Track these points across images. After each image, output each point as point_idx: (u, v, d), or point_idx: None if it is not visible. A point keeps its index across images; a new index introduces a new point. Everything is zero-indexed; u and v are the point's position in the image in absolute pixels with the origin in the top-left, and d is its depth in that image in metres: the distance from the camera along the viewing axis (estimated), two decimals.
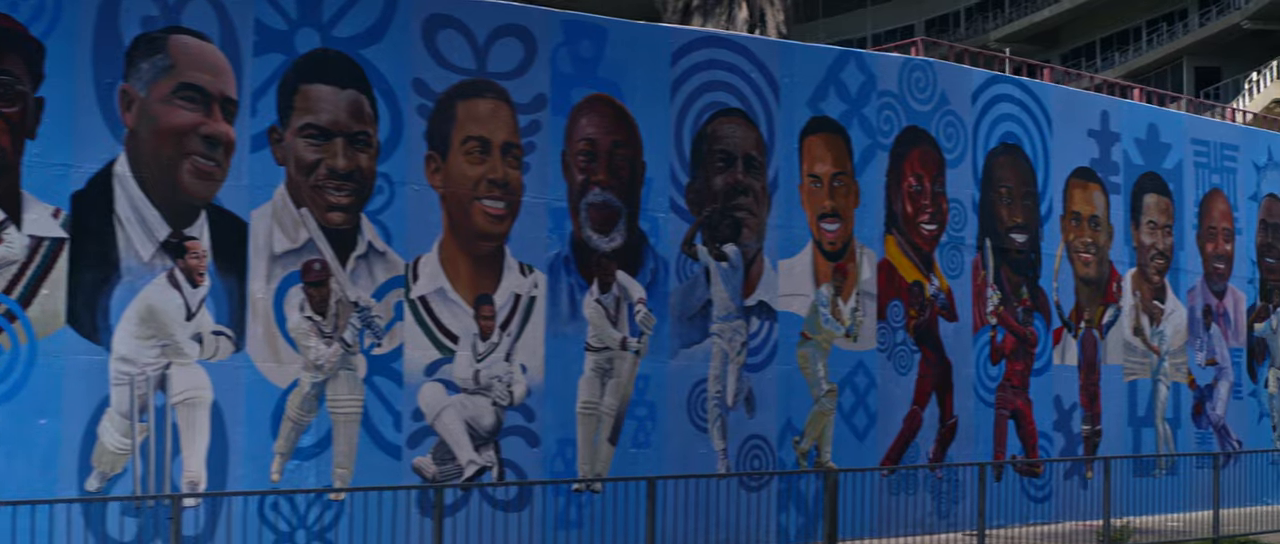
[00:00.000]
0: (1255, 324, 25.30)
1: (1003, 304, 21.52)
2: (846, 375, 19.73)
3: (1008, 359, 21.59)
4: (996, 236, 21.54)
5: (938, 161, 20.88)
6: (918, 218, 20.62)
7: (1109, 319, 22.99)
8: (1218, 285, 24.74)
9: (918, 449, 20.47)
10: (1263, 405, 25.37)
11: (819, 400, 19.41)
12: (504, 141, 16.91)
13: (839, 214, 19.75)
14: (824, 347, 19.50)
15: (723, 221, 18.62)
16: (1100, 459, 20.81)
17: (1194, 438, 24.16)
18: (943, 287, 20.82)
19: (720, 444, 18.48)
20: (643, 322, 17.83)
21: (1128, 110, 23.68)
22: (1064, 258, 22.39)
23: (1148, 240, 23.67)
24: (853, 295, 19.83)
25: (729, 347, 18.59)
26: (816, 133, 19.61)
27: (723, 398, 18.51)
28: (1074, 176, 22.69)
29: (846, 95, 19.91)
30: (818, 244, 19.53)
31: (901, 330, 20.35)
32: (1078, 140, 22.77)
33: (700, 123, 18.52)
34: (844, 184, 19.82)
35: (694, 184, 18.39)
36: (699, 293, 18.40)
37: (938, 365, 20.73)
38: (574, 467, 17.30)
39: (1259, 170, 25.58)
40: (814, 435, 19.35)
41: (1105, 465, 18.70)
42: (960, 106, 21.24)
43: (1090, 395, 22.64)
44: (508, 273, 16.90)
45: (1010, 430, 21.58)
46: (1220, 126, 25.40)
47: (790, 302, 19.23)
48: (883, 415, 20.08)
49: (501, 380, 16.75)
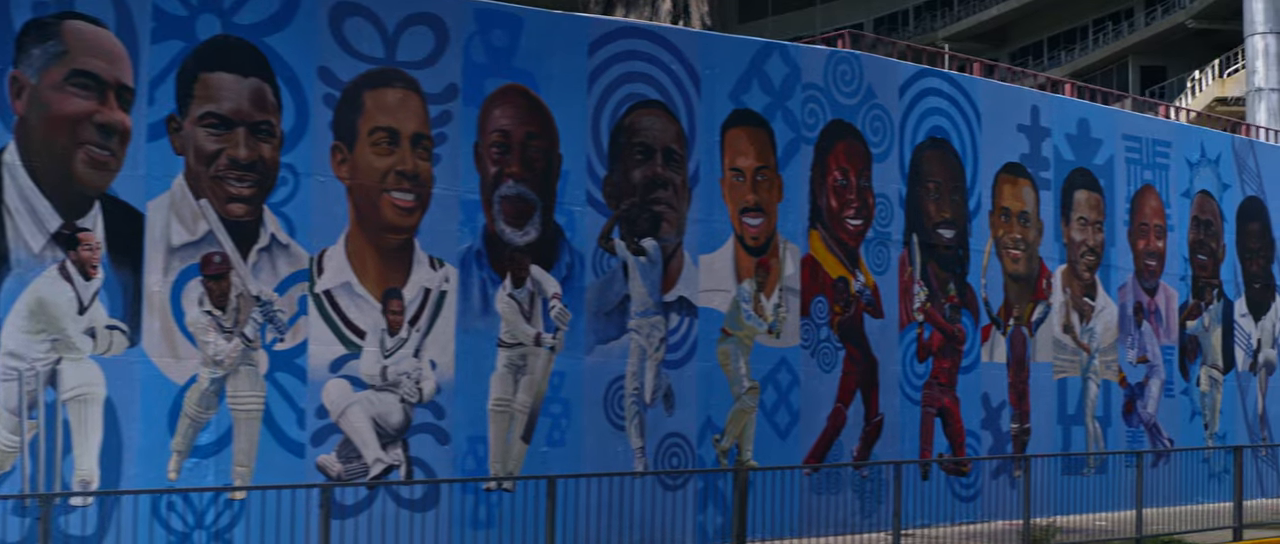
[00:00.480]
0: (1187, 322, 25.10)
1: (930, 301, 21.24)
2: (769, 372, 19.41)
3: (935, 356, 21.31)
4: (924, 232, 21.26)
5: (864, 156, 20.58)
6: (843, 213, 20.31)
7: (1038, 316, 22.74)
8: (1149, 282, 24.53)
9: (842, 448, 20.17)
10: (1195, 404, 25.18)
11: (740, 398, 19.09)
12: (414, 132, 16.52)
13: (762, 208, 19.43)
14: (746, 343, 19.18)
15: (641, 215, 18.28)
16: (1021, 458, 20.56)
17: (1125, 436, 23.95)
18: (868, 283, 20.52)
19: (638, 442, 18.14)
20: (558, 317, 17.47)
21: (1058, 105, 23.45)
22: (993, 254, 22.13)
23: (1078, 237, 23.43)
24: (775, 291, 19.51)
25: (647, 343, 18.25)
26: (739, 126, 19.29)
27: (640, 395, 18.17)
28: (1003, 172, 22.43)
29: (770, 88, 19.58)
30: (740, 239, 19.20)
31: (826, 327, 20.05)
32: (1007, 135, 22.51)
33: (619, 115, 18.17)
34: (767, 178, 19.50)
35: (612, 177, 18.04)
36: (616, 288, 18.05)
37: (863, 363, 20.43)
38: (485, 465, 16.93)
39: (1192, 167, 25.39)
40: (735, 433, 19.03)
41: (1026, 464, 18.42)
42: (887, 100, 20.95)
43: (1019, 393, 22.38)
44: (417, 267, 16.52)
45: (937, 429, 21.29)
46: (1152, 123, 25.19)
47: (711, 297, 18.90)
48: (806, 413, 19.77)
49: (410, 377, 16.37)
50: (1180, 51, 60.26)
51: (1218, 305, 25.68)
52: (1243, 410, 26.03)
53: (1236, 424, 25.88)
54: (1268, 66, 37.06)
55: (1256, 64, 37.35)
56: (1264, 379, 26.43)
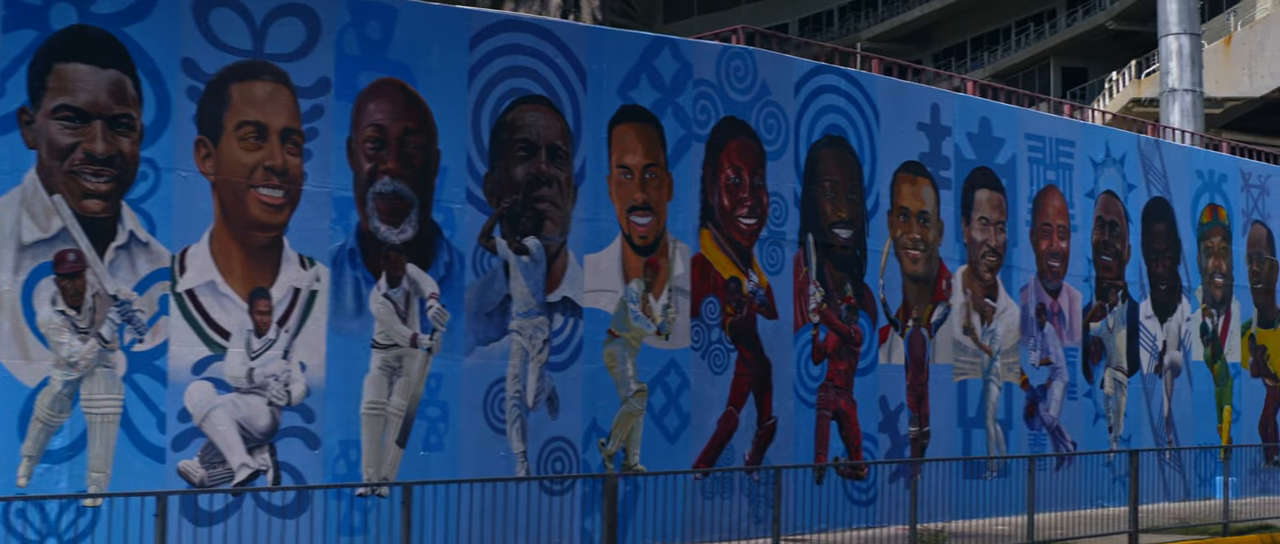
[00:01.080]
0: (1091, 323, 24.84)
1: (826, 301, 20.86)
2: (657, 375, 18.98)
3: (831, 358, 20.93)
4: (820, 232, 20.88)
5: (757, 153, 20.18)
6: (736, 212, 19.90)
7: (938, 317, 22.40)
8: (1052, 283, 24.24)
9: (734, 452, 19.76)
10: (1098, 406, 24.91)
11: (627, 401, 18.65)
12: (283, 127, 15.99)
13: (650, 207, 18.99)
14: (633, 345, 18.74)
15: (524, 213, 17.81)
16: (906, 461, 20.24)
17: (1027, 439, 23.65)
18: (762, 283, 20.12)
19: (519, 446, 17.67)
20: (435, 317, 16.98)
21: (959, 104, 23.12)
22: (891, 254, 21.78)
23: (979, 237, 23.12)
24: (665, 291, 19.08)
25: (530, 344, 17.78)
26: (627, 122, 18.85)
27: (522, 398, 17.70)
28: (902, 171, 22.08)
29: (660, 84, 19.15)
30: (627, 238, 18.76)
31: (717, 328, 19.63)
32: (906, 133, 22.17)
33: (501, 110, 17.69)
34: (656, 176, 19.07)
35: (493, 174, 17.56)
36: (497, 288, 17.57)
37: (756, 365, 20.02)
38: (358, 470, 16.42)
39: (1096, 167, 25.13)
40: (621, 437, 18.58)
41: (911, 469, 18.03)
42: (782, 97, 20.56)
43: (918, 396, 22.04)
44: (286, 265, 15.99)
45: (833, 432, 20.91)
46: (1056, 122, 24.91)
47: (597, 298, 18.46)
48: (696, 416, 19.35)
49: (278, 379, 15.84)
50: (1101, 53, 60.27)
51: (1122, 307, 25.43)
52: (1148, 413, 25.79)
53: (1141, 427, 25.63)
54: (1181, 67, 36.87)
55: (1170, 65, 37.14)
56: (1169, 382, 26.21)
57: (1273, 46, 44.30)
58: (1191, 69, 36.93)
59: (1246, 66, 44.49)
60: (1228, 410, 27.32)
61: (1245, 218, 28.08)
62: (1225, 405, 27.32)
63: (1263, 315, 28.28)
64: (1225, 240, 27.57)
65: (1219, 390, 27.24)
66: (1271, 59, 44.31)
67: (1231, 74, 44.56)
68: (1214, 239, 27.34)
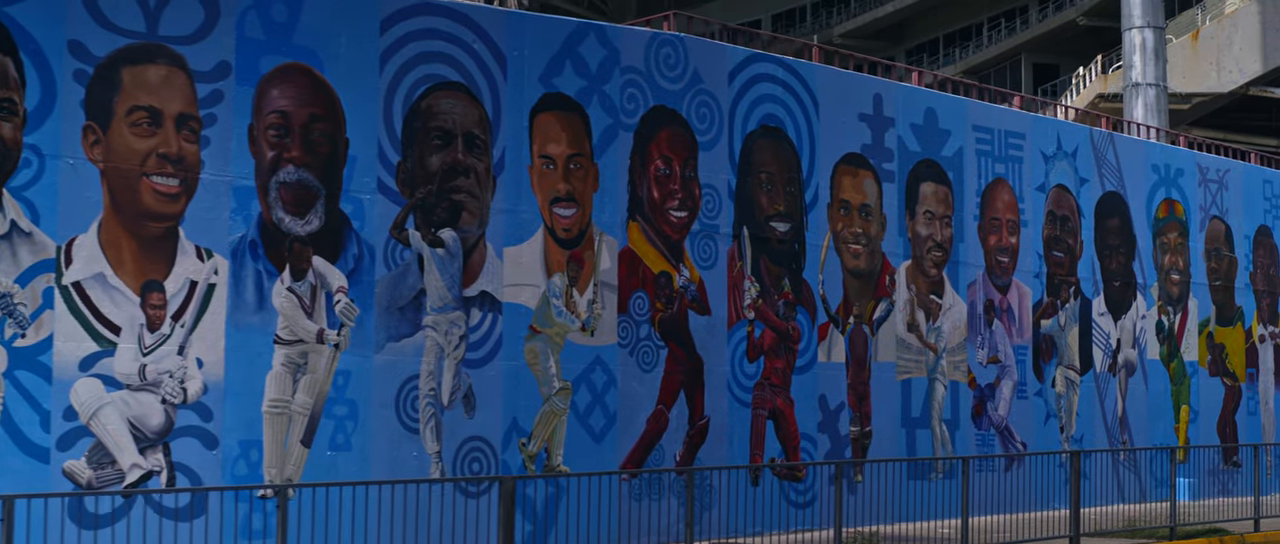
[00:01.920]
0: (1042, 320, 24.20)
1: (761, 297, 20.20)
2: (582, 372, 18.31)
3: (767, 356, 20.27)
4: (755, 225, 20.21)
5: (689, 144, 19.51)
6: (666, 204, 19.23)
7: (881, 314, 21.75)
8: (1001, 280, 23.60)
9: (664, 452, 19.08)
10: (1049, 406, 24.28)
11: (549, 399, 17.97)
12: (179, 113, 15.29)
13: (575, 198, 18.32)
14: (556, 341, 18.07)
15: (439, 204, 17.12)
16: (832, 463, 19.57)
17: (974, 439, 23.01)
18: (694, 278, 19.46)
19: (434, 447, 16.98)
20: (343, 312, 16.29)
21: (903, 94, 22.46)
22: (831, 249, 21.12)
23: (924, 231, 22.46)
24: (590, 286, 18.41)
25: (445, 340, 17.09)
26: (550, 110, 18.17)
27: (437, 396, 17.02)
28: (843, 163, 21.43)
29: (585, 71, 18.48)
30: (550, 230, 18.08)
31: (646, 324, 18.96)
32: (848, 124, 21.51)
33: (414, 97, 17.01)
34: (581, 166, 18.39)
35: (406, 163, 16.88)
36: (410, 282, 16.88)
37: (687, 362, 19.36)
38: (259, 471, 15.71)
39: (1047, 160, 24.50)
40: (543, 437, 17.91)
41: (837, 470, 17.38)
42: (715, 86, 19.90)
43: (859, 395, 21.38)
44: (182, 257, 15.28)
45: (769, 432, 20.25)
46: (1005, 114, 24.25)
47: (518, 292, 17.78)
48: (624, 416, 18.68)
49: (173, 376, 15.13)
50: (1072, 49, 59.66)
51: (1074, 304, 24.80)
52: (1101, 413, 25.17)
53: (1094, 427, 25.01)
54: (1145, 61, 36.29)
55: (1134, 58, 36.56)
56: (1124, 380, 25.58)
57: (1241, 41, 43.73)
58: (1155, 63, 36.34)
59: (1214, 62, 43.92)
60: (1185, 410, 26.71)
61: (1203, 213, 27.47)
62: (1182, 405, 26.70)
63: (1221, 313, 27.67)
64: (1182, 236, 26.95)
65: (1176, 390, 26.62)
66: (1240, 54, 43.74)
67: (1199, 69, 43.99)
68: (1170, 235, 26.72)
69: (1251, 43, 43.44)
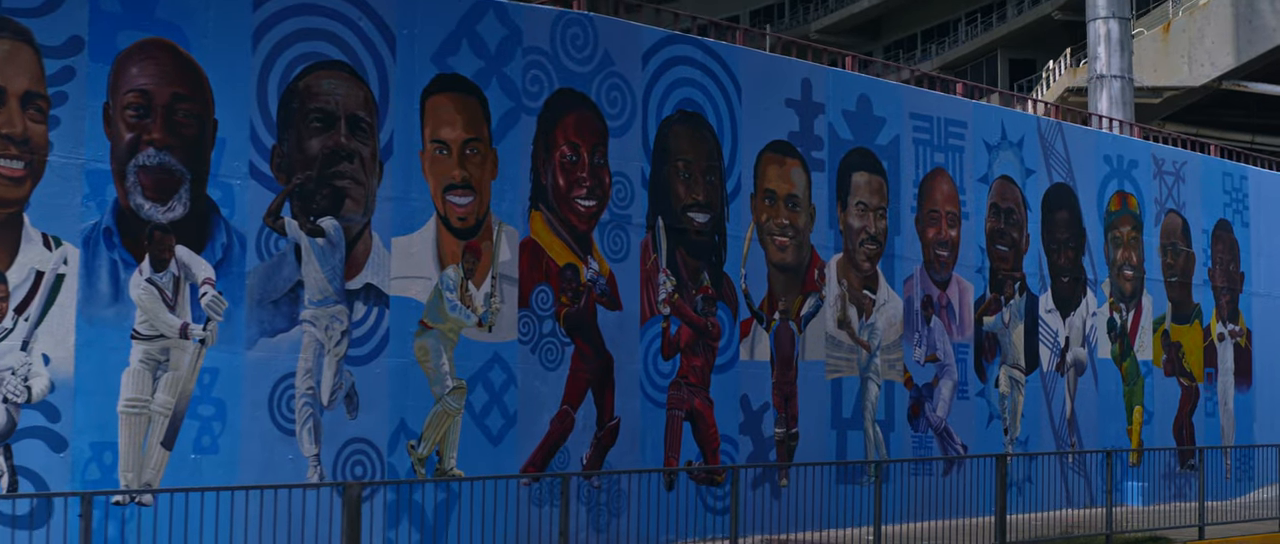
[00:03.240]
0: (984, 318, 23.14)
1: (678, 292, 19.13)
2: (479, 370, 17.25)
3: (684, 354, 19.21)
4: (672, 215, 19.15)
5: (599, 129, 18.45)
6: (572, 192, 18.17)
7: (809, 310, 20.68)
8: (940, 275, 22.53)
9: (569, 455, 18.01)
10: (992, 407, 23.21)
11: (442, 399, 16.92)
12: (25, 91, 14.25)
13: (471, 185, 17.26)
14: (450, 337, 17.00)
15: (319, 191, 16.06)
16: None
17: (910, 442, 21.94)
18: (603, 271, 18.40)
19: (311, 449, 15.91)
20: (210, 305, 15.22)
21: (834, 79, 21.38)
22: (755, 241, 20.06)
23: (857, 223, 21.39)
24: (488, 279, 17.34)
25: (325, 336, 16.03)
26: (444, 92, 17.13)
27: (316, 395, 15.95)
28: (769, 151, 20.36)
29: (483, 51, 17.43)
30: (444, 219, 17.03)
31: (550, 319, 17.89)
32: (773, 110, 20.45)
33: (291, 76, 15.94)
34: (479, 152, 17.34)
35: (282, 147, 15.82)
36: (286, 273, 15.82)
37: (595, 360, 18.29)
38: (114, 476, 14.63)
39: (990, 150, 23.43)
40: (435, 439, 16.85)
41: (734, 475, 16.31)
42: (628, 68, 18.84)
43: (785, 395, 20.31)
44: (27, 245, 14.23)
45: (686, 434, 19.18)
46: (945, 101, 23.16)
47: (407, 285, 16.72)
48: (525, 416, 17.62)
49: (16, 373, 14.07)
50: (1048, 44, 58.49)
51: (1020, 300, 23.73)
52: (1048, 414, 24.10)
53: (1040, 428, 23.95)
54: (1109, 52, 35.20)
55: (1098, 50, 35.46)
56: (1072, 380, 24.52)
57: (1213, 34, 42.64)
58: (1120, 54, 35.26)
59: (1186, 55, 42.84)
60: (1138, 411, 25.65)
61: (1159, 207, 26.41)
62: (1136, 406, 25.64)
63: (1177, 310, 26.61)
64: (1136, 230, 25.90)
65: (1129, 390, 25.56)
66: (1212, 48, 42.67)
67: (1170, 62, 42.92)
68: (1123, 229, 25.67)
69: (1224, 36, 42.37)
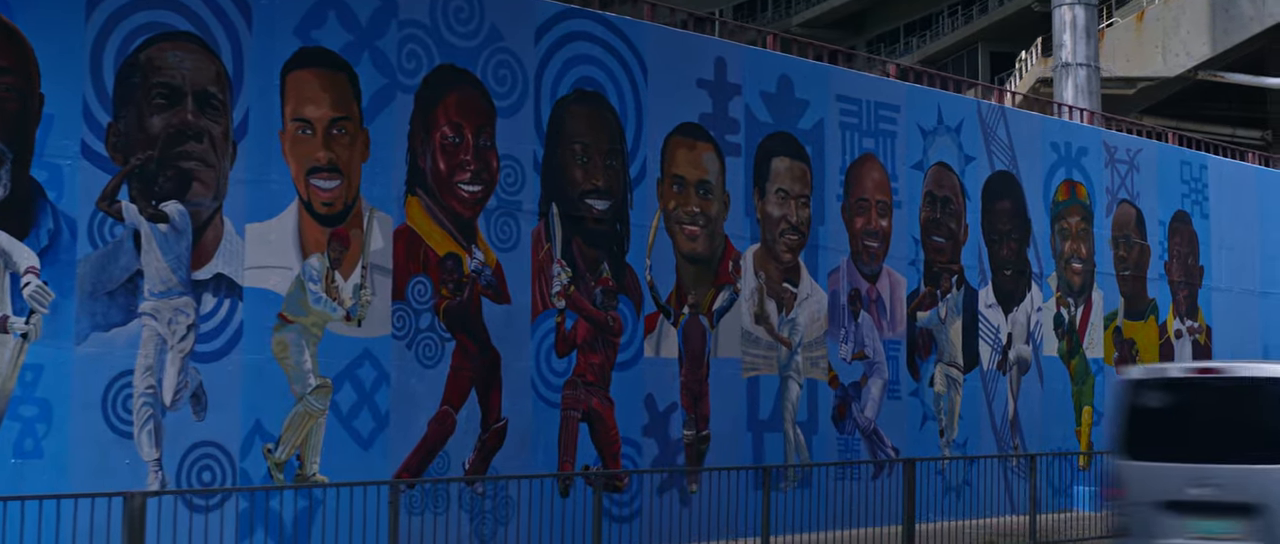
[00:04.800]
0: (918, 313, 21.85)
1: (574, 284, 17.87)
2: (346, 368, 16.00)
3: (580, 350, 17.95)
4: (568, 203, 17.90)
5: (485, 109, 17.21)
6: (454, 177, 16.92)
7: (722, 304, 19.41)
8: (870, 267, 21.25)
9: (449, 459, 16.75)
10: (927, 407, 21.92)
11: (303, 398, 15.66)
12: None
13: (338, 168, 16.01)
14: (313, 332, 15.75)
15: (163, 173, 14.81)
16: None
17: (835, 444, 20.66)
18: (489, 261, 17.14)
19: (152, 453, 14.64)
20: (33, 296, 13.96)
21: (751, 58, 20.13)
22: (661, 229, 18.79)
23: (776, 212, 20.12)
24: (357, 269, 16.09)
25: (168, 330, 14.78)
26: (307, 67, 15.89)
27: (157, 395, 14.68)
28: (678, 134, 19.11)
29: (353, 23, 16.19)
30: (307, 205, 15.78)
31: (428, 313, 16.64)
32: (683, 91, 19.20)
33: (130, 49, 14.69)
34: (347, 132, 16.09)
35: (119, 125, 14.57)
36: (123, 262, 14.56)
37: (480, 357, 17.04)
38: None
39: (926, 135, 22.15)
40: (295, 442, 15.59)
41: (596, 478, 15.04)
42: (519, 44, 17.59)
43: (695, 394, 19.04)
44: None
45: (583, 436, 17.92)
46: (876, 83, 21.88)
47: (264, 275, 15.46)
48: (399, 417, 16.37)
49: None
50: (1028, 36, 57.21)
51: (957, 294, 22.45)
52: (989, 415, 22.82)
53: (980, 430, 22.67)
54: (1075, 39, 33.95)
55: (1063, 37, 34.23)
56: (1015, 379, 23.24)
57: (1188, 23, 41.39)
58: (1086, 42, 34.02)
59: (1160, 44, 41.57)
60: (1088, 411, 24.36)
61: (1110, 196, 25.13)
62: (1085, 406, 24.35)
63: (1131, 305, 25.32)
64: (1085, 221, 24.62)
65: (1077, 389, 24.28)
66: (1187, 37, 41.42)
67: (1144, 52, 41.65)
68: (1072, 219, 24.39)
69: (1199, 25, 41.12)
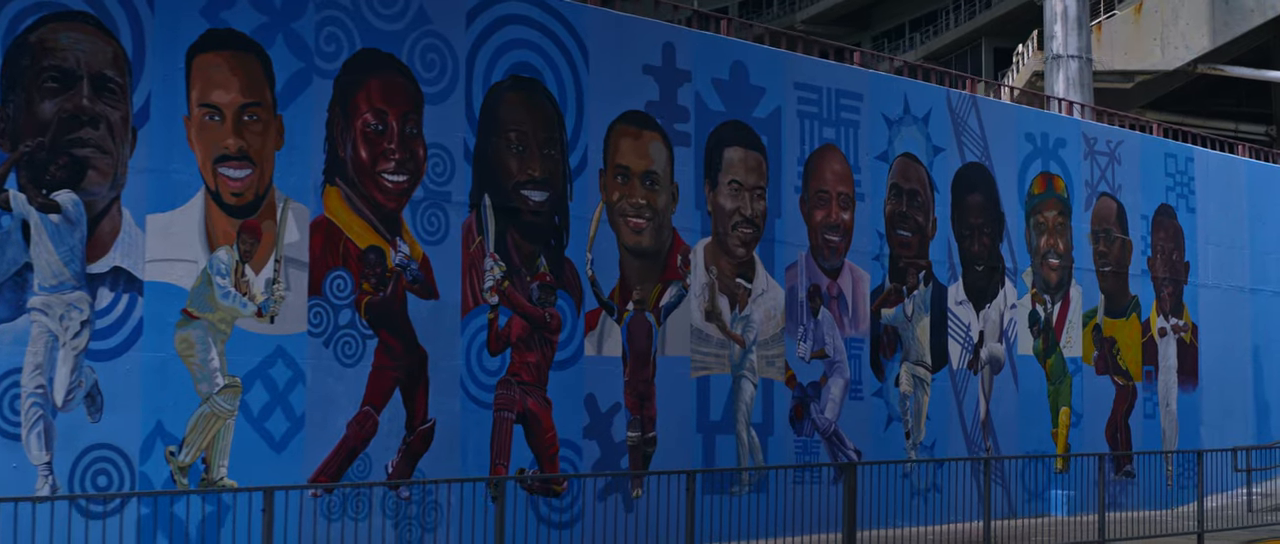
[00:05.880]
0: (883, 309, 20.98)
1: (509, 278, 17.04)
2: (257, 366, 15.20)
3: (515, 348, 17.13)
4: (502, 194, 17.08)
5: (411, 96, 16.40)
6: (378, 166, 16.11)
7: (670, 300, 18.58)
8: (830, 262, 20.39)
9: (371, 462, 15.94)
10: (892, 408, 21.05)
11: (210, 399, 14.85)
12: None
13: (249, 157, 15.21)
14: (221, 328, 14.95)
15: (54, 160, 14.02)
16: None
17: (792, 446, 19.80)
18: (416, 254, 16.32)
19: (42, 456, 13.86)
20: None
21: (702, 44, 19.28)
22: (604, 222, 17.96)
23: (729, 205, 19.28)
24: (270, 262, 15.28)
25: (60, 327, 14.00)
26: (216, 50, 15.09)
27: (48, 395, 13.89)
28: (622, 122, 18.29)
29: (266, 5, 15.39)
30: (214, 195, 14.97)
31: (348, 309, 15.83)
32: (629, 77, 18.38)
33: (20, 29, 13.93)
34: (260, 119, 15.29)
35: (6, 110, 13.81)
36: (10, 254, 13.81)
37: (405, 356, 16.23)
38: None
39: (891, 125, 21.28)
40: (201, 444, 14.78)
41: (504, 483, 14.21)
42: (448, 27, 16.78)
43: (640, 394, 18.21)
44: None
45: (518, 438, 17.09)
46: (837, 70, 21.00)
47: (167, 269, 14.68)
48: (315, 419, 15.56)
49: None
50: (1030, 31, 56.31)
51: (925, 291, 21.57)
52: (959, 415, 21.93)
53: (950, 431, 21.79)
54: (1066, 30, 33.04)
55: (1054, 28, 33.32)
56: (987, 379, 22.35)
57: (1187, 15, 40.38)
58: (1078, 33, 33.10)
59: (1158, 36, 40.57)
60: (1065, 412, 23.47)
61: (1090, 190, 24.22)
62: (1062, 406, 23.46)
63: (1111, 303, 24.41)
64: (1063, 215, 23.72)
65: (1054, 389, 23.38)
66: (1186, 30, 40.41)
67: (1142, 45, 40.65)
68: (1048, 213, 23.49)
69: (1199, 16, 40.12)
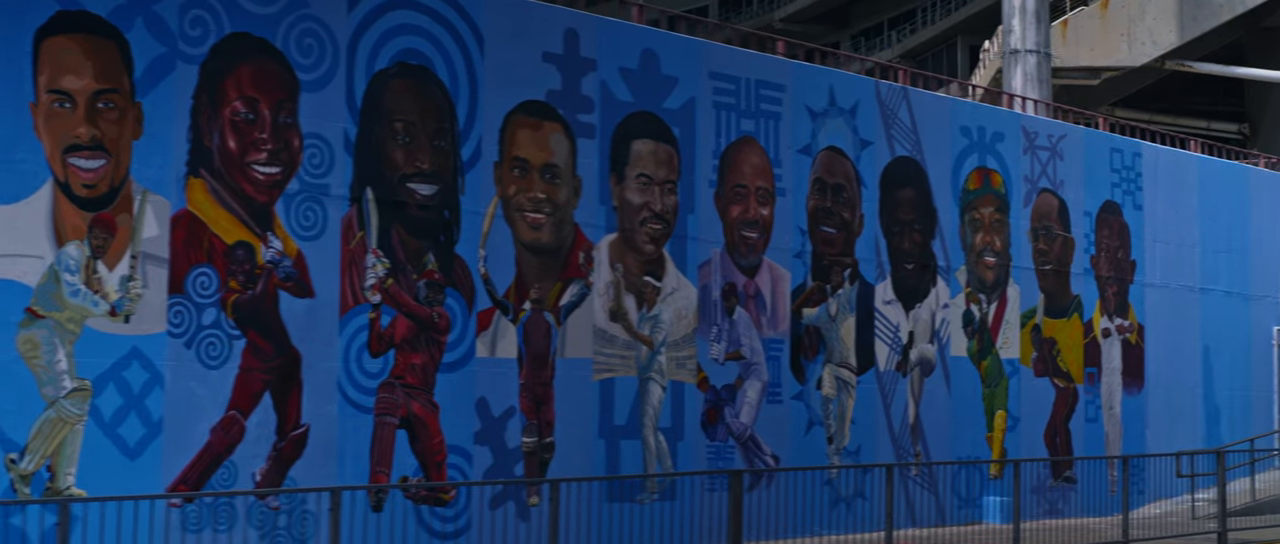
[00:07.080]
0: (804, 309, 20.13)
1: (393, 276, 16.21)
2: (110, 368, 14.37)
3: (399, 350, 16.30)
4: (386, 187, 16.26)
5: (286, 82, 15.58)
6: (248, 157, 15.28)
7: (571, 299, 17.75)
8: (748, 260, 19.55)
9: (237, 469, 15.10)
10: (814, 412, 20.21)
11: (56, 403, 14.01)
12: None
13: (103, 146, 14.37)
14: (69, 328, 14.12)
15: None
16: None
17: (704, 453, 18.95)
18: (289, 250, 15.49)
19: None
20: None
21: (608, 31, 18.45)
22: (499, 217, 17.13)
23: (637, 199, 18.45)
24: (125, 258, 14.44)
25: None
26: (67, 33, 14.27)
27: None
28: (520, 112, 17.47)
29: None
30: (64, 187, 14.14)
31: (214, 308, 14.99)
32: (527, 65, 17.56)
33: None
34: (116, 106, 14.47)
35: None
36: None
37: (276, 357, 15.41)
38: None
39: (815, 117, 20.44)
40: (46, 451, 13.94)
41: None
42: (327, 11, 15.96)
43: (537, 398, 17.37)
44: None
45: (401, 443, 16.26)
46: (756, 60, 20.15)
47: (9, 265, 13.87)
48: (175, 424, 14.74)
49: None
50: None
51: (850, 289, 20.73)
52: (886, 419, 21.09)
53: (877, 436, 20.94)
54: (1024, 25, 32.18)
55: (1012, 22, 32.44)
56: (917, 381, 21.50)
57: (1155, 10, 39.53)
58: (1037, 27, 32.24)
59: (1125, 32, 39.71)
60: (1001, 416, 22.63)
61: (1030, 185, 23.39)
62: (998, 410, 22.61)
63: (1052, 302, 23.58)
64: (1000, 212, 22.89)
65: (989, 392, 22.55)
66: (1153, 25, 39.57)
67: (1109, 41, 39.79)
68: (984, 210, 22.66)
69: (1166, 11, 39.26)
